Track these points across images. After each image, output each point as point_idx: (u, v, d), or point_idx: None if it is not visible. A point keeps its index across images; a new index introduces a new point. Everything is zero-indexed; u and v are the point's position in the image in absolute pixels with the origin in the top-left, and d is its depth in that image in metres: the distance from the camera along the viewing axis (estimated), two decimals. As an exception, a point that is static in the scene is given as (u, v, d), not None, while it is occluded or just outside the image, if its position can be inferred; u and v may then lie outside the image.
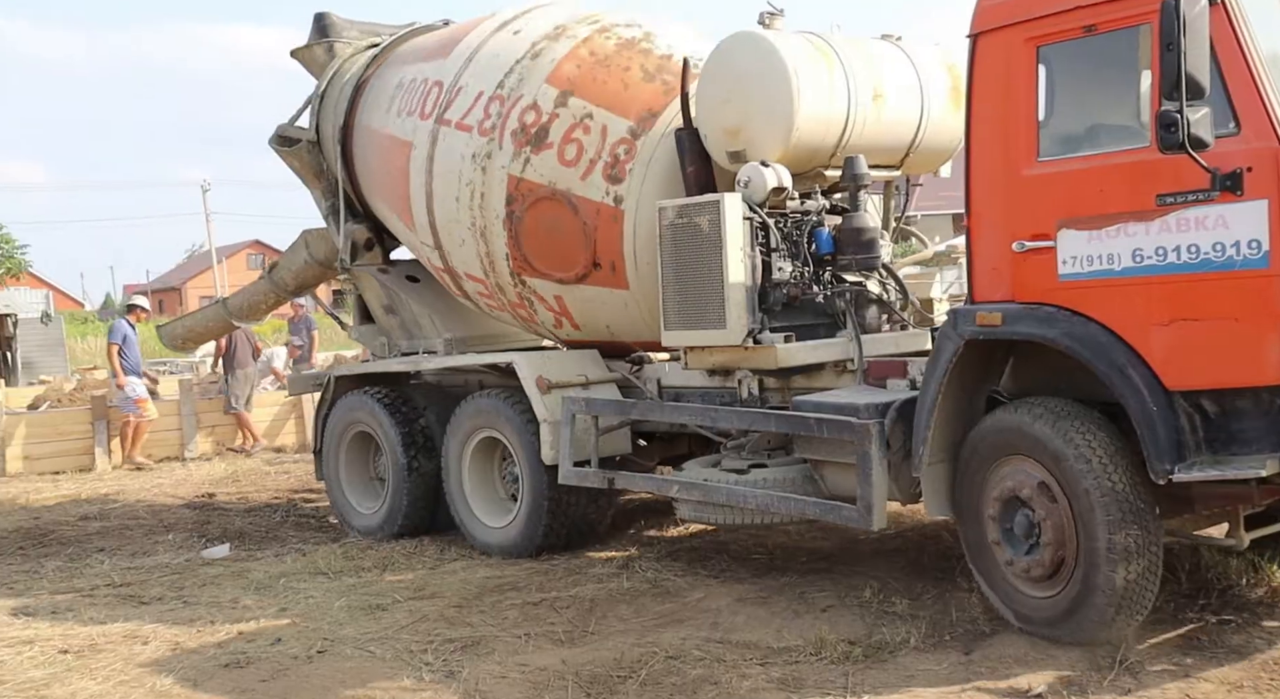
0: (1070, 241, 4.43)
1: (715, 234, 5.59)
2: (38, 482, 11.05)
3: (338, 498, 7.95)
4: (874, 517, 4.97)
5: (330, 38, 8.30)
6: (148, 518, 8.73)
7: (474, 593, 5.90)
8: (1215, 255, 4.07)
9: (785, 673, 4.52)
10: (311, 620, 5.51)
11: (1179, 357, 4.19)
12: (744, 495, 5.59)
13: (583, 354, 6.80)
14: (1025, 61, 4.55)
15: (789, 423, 5.47)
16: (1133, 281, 4.27)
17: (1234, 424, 4.17)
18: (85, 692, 4.67)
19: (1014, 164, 4.59)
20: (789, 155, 5.79)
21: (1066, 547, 4.47)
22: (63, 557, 7.45)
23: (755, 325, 5.67)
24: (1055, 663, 4.41)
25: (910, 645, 4.71)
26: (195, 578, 6.62)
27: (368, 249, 8.05)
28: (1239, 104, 4.06)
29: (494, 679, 4.59)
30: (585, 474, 6.29)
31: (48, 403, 13.76)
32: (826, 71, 5.78)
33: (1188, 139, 3.90)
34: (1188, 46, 3.87)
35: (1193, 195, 4.09)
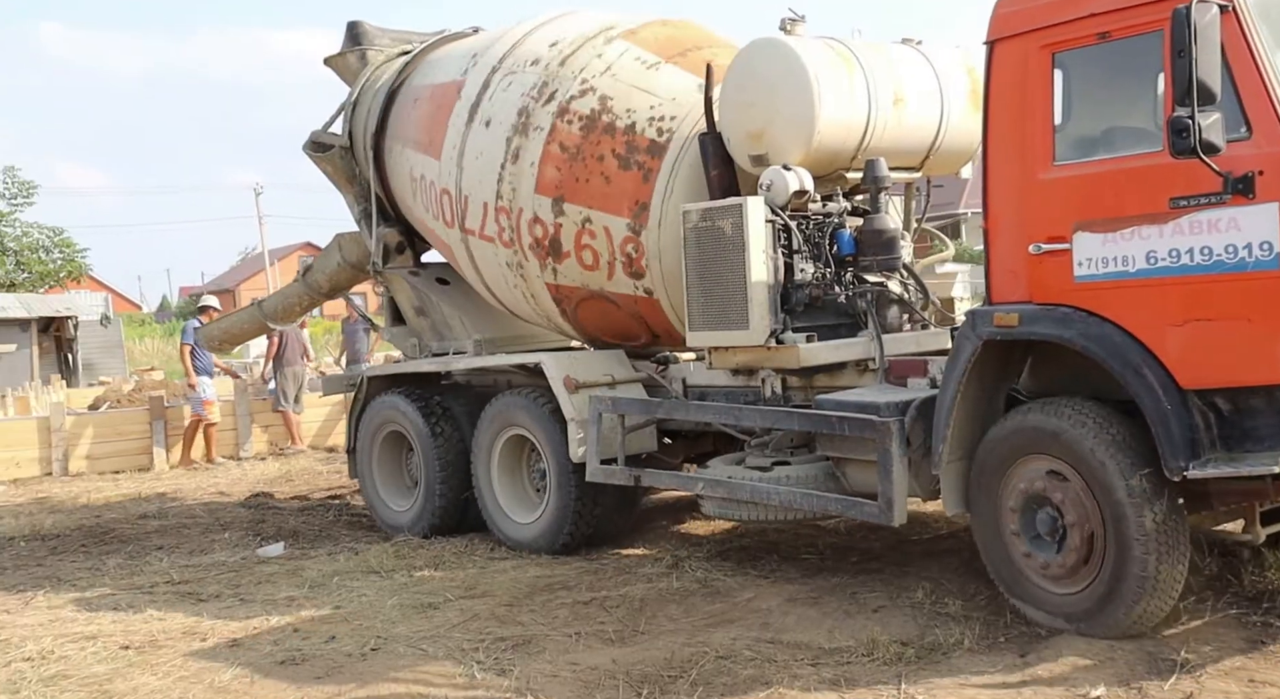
0: (1086, 244, 4.52)
1: (738, 237, 5.71)
2: (98, 480, 11.30)
3: (371, 496, 8.10)
4: (894, 513, 5.08)
5: (363, 46, 8.47)
6: (204, 516, 8.88)
7: (524, 592, 5.93)
8: (1228, 257, 4.17)
9: (837, 673, 4.49)
10: (365, 618, 5.57)
11: (1193, 356, 4.28)
12: (767, 492, 5.67)
13: (609, 354, 6.93)
14: (1041, 68, 4.64)
15: (811, 421, 5.57)
16: (1147, 283, 4.36)
17: (1247, 422, 4.25)
18: (146, 687, 4.75)
19: (1030, 168, 4.68)
20: (810, 158, 5.88)
21: (1094, 544, 4.55)
22: (123, 554, 7.60)
23: (778, 326, 5.78)
24: (1114, 666, 4.33)
25: (964, 647, 4.66)
26: (251, 576, 6.72)
27: (399, 252, 8.22)
28: (1250, 109, 4.14)
29: (545, 678, 4.61)
30: (612, 471, 6.39)
31: (107, 403, 14.09)
32: (847, 76, 5.89)
33: (1199, 144, 3.98)
34: (1199, 53, 3.96)
35: (1205, 198, 4.19)
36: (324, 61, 8.74)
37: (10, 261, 32.30)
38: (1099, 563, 4.55)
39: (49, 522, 8.88)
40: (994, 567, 4.97)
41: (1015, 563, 4.85)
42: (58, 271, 33.00)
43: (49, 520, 8.94)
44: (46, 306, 23.83)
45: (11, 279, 31.89)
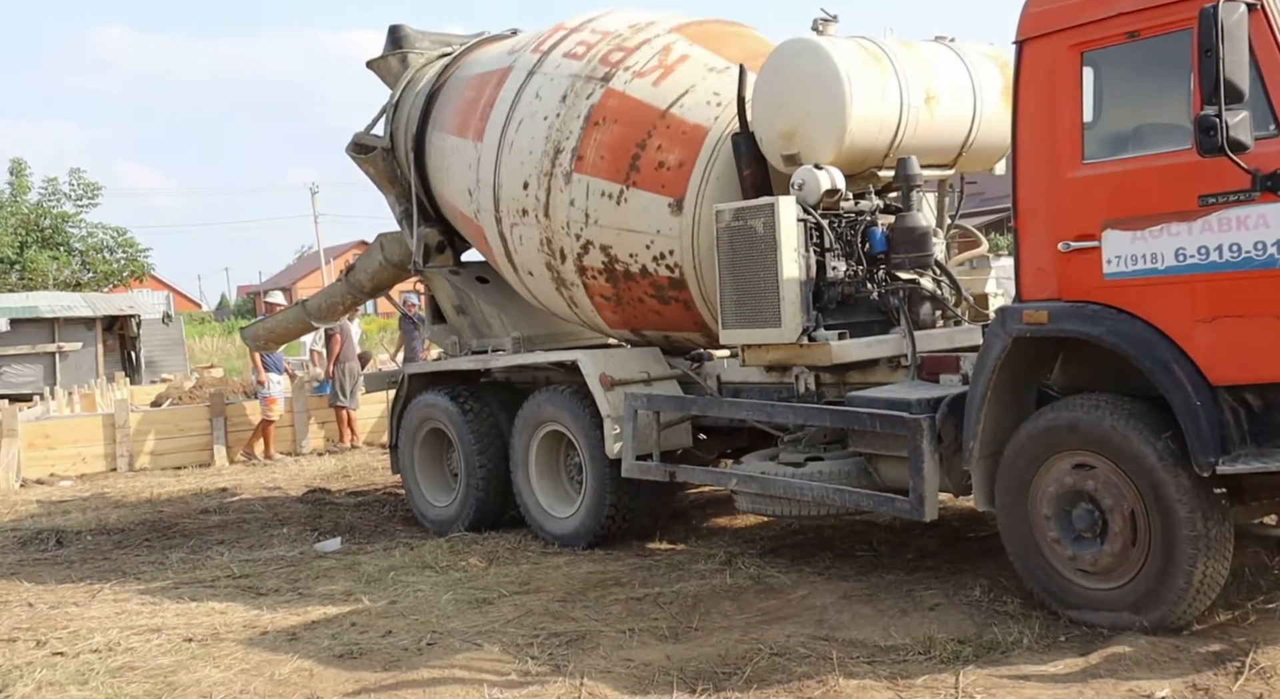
0: (1115, 241, 4.56)
1: (770, 236, 5.75)
2: (160, 476, 11.54)
3: (413, 491, 8.21)
4: (926, 508, 5.13)
5: (404, 49, 8.56)
6: (263, 512, 9.03)
7: (578, 588, 5.95)
8: (1256, 254, 4.20)
9: (893, 671, 4.45)
10: (420, 613, 5.62)
11: (1222, 352, 4.31)
12: (800, 488, 5.71)
13: (644, 351, 7.01)
14: (1070, 67, 4.67)
15: (844, 418, 5.61)
16: (1176, 280, 4.40)
17: (1277, 418, 4.29)
18: (209, 679, 4.84)
19: (1059, 166, 4.71)
20: (842, 157, 5.90)
21: (1137, 539, 4.57)
22: (185, 548, 7.74)
23: (810, 323, 5.81)
24: (1178, 665, 4.24)
25: (1023, 646, 4.59)
26: (309, 570, 6.82)
27: (439, 252, 8.31)
28: (1279, 107, 4.16)
29: (599, 673, 4.62)
30: (648, 467, 6.45)
31: (169, 400, 14.38)
32: (878, 75, 5.90)
33: (1226, 142, 4.02)
34: (1226, 52, 3.99)
35: (1234, 196, 4.21)
36: (366, 64, 8.87)
37: (76, 261, 33.08)
38: (1143, 555, 4.56)
39: (114, 516, 9.09)
40: (1024, 561, 4.97)
41: (1050, 560, 4.85)
42: (121, 271, 33.74)
43: (114, 515, 9.14)
44: (111, 305, 24.38)
45: (77, 279, 32.68)
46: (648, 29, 7.06)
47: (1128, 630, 4.58)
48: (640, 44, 6.89)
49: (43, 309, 22.92)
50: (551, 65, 7.12)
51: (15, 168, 32.64)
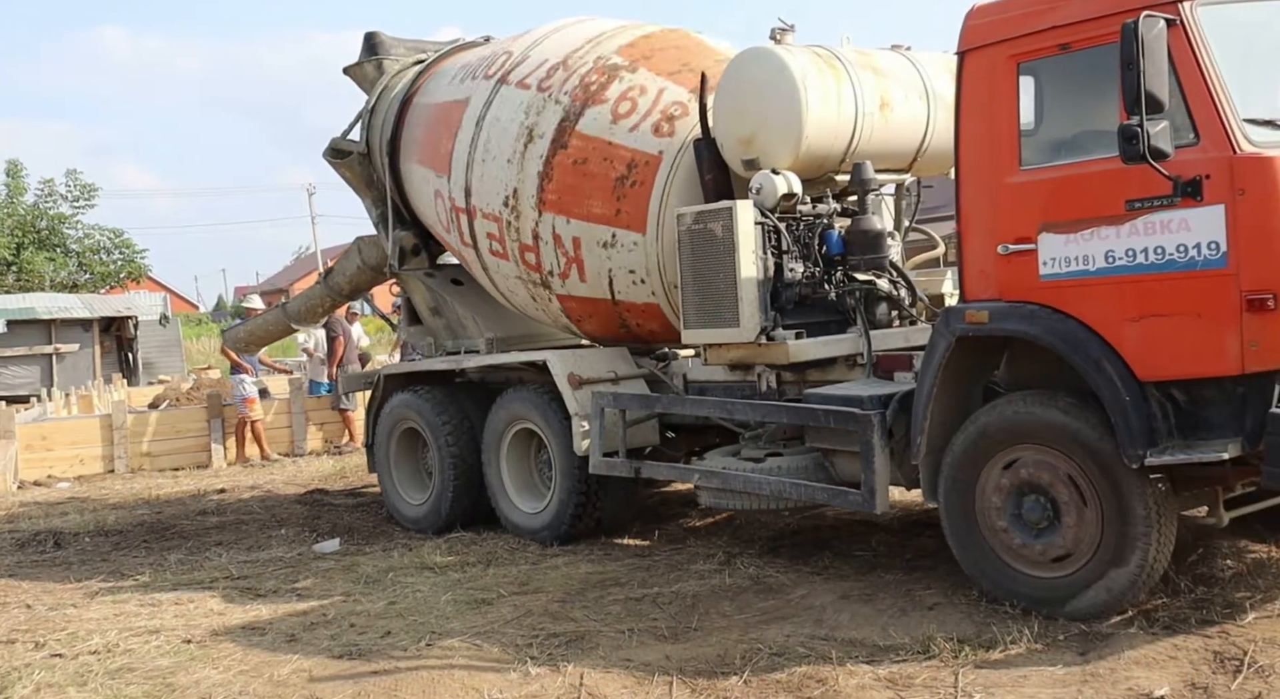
0: (1050, 244, 4.77)
1: (729, 239, 5.94)
2: (158, 477, 11.53)
3: (388, 490, 8.36)
4: (876, 501, 5.32)
5: (379, 55, 8.76)
6: (262, 513, 9.02)
7: (577, 588, 5.95)
8: (1179, 256, 4.43)
9: (893, 671, 4.45)
10: (419, 614, 5.62)
11: (1149, 350, 4.53)
12: (758, 483, 5.89)
13: (613, 351, 7.18)
14: (1007, 76, 4.90)
15: (799, 414, 5.82)
16: (1106, 281, 4.62)
17: (1202, 412, 4.50)
18: (208, 680, 4.84)
19: (999, 172, 4.93)
20: (800, 162, 6.11)
21: (1088, 529, 4.75)
22: (183, 550, 7.74)
23: (767, 323, 6.01)
24: (1177, 665, 4.25)
25: (1022, 645, 4.59)
26: (308, 571, 6.82)
27: (414, 254, 8.50)
28: (1198, 117, 4.38)
29: (598, 674, 4.62)
30: (614, 464, 6.61)
31: (166, 402, 14.36)
32: (834, 82, 6.12)
33: (1148, 150, 4.23)
34: (1146, 65, 4.20)
35: (1158, 201, 4.44)
36: (344, 71, 9.04)
37: (73, 263, 33.04)
38: (1094, 544, 4.74)
39: (112, 518, 9.08)
40: (970, 553, 5.15)
41: (997, 552, 5.03)
42: (118, 272, 33.69)
43: (112, 516, 9.14)
44: (108, 307, 24.35)
45: (74, 280, 32.63)
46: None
47: (1073, 619, 4.75)
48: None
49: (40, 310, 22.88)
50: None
51: (11, 169, 32.60)
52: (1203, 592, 5.07)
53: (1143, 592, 4.77)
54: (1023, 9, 4.87)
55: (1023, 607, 4.92)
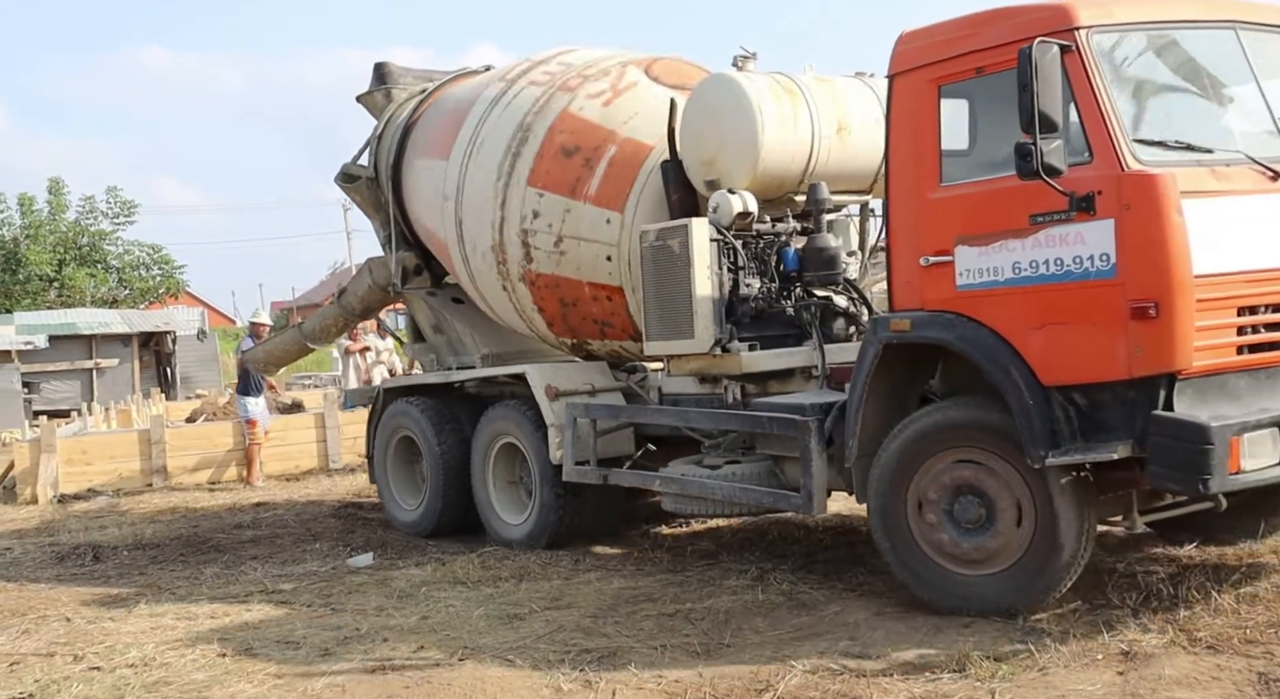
0: (965, 256, 5.07)
1: (685, 255, 6.30)
2: (195, 491, 11.64)
3: (386, 496, 8.84)
4: (815, 503, 5.65)
5: (388, 84, 9.16)
6: (296, 527, 9.09)
7: (609, 603, 5.94)
8: (1075, 267, 4.71)
9: (928, 689, 4.40)
10: (452, 629, 5.63)
11: (1051, 356, 4.81)
12: (712, 488, 6.22)
13: (591, 365, 7.56)
14: (929, 98, 5.22)
15: (748, 422, 6.18)
16: (1013, 291, 4.91)
17: (1100, 415, 4.75)
18: (243, 694, 4.86)
19: (922, 188, 5.24)
20: (758, 182, 6.44)
21: (1020, 529, 4.99)
22: (219, 563, 7.80)
23: (723, 336, 6.34)
24: (1220, 685, 4.17)
25: (1060, 664, 4.53)
26: (342, 586, 6.85)
27: (417, 274, 8.85)
28: (1091, 136, 4.68)
29: (630, 690, 4.61)
30: (585, 471, 6.97)
31: (204, 416, 14.52)
32: (791, 107, 6.45)
33: (1041, 167, 4.52)
34: (1040, 87, 4.49)
35: (1057, 215, 4.73)
36: (356, 99, 9.43)
37: (113, 279, 33.56)
38: (1026, 543, 4.99)
39: (149, 531, 9.18)
40: (900, 554, 5.34)
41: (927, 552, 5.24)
42: (157, 288, 34.18)
43: (149, 530, 9.24)
44: (147, 322, 24.72)
45: (114, 296, 33.14)
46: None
47: (998, 615, 5.03)
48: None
49: (80, 326, 23.26)
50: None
51: (53, 187, 33.22)
52: (1246, 611, 4.98)
53: (1066, 588, 5.03)
54: (944, 35, 5.20)
55: (950, 605, 5.15)
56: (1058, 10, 4.81)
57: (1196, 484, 4.50)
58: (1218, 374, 4.70)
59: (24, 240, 31.99)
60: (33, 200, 32.88)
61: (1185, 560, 5.77)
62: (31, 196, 32.92)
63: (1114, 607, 5.16)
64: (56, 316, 24.77)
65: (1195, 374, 4.63)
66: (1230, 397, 4.72)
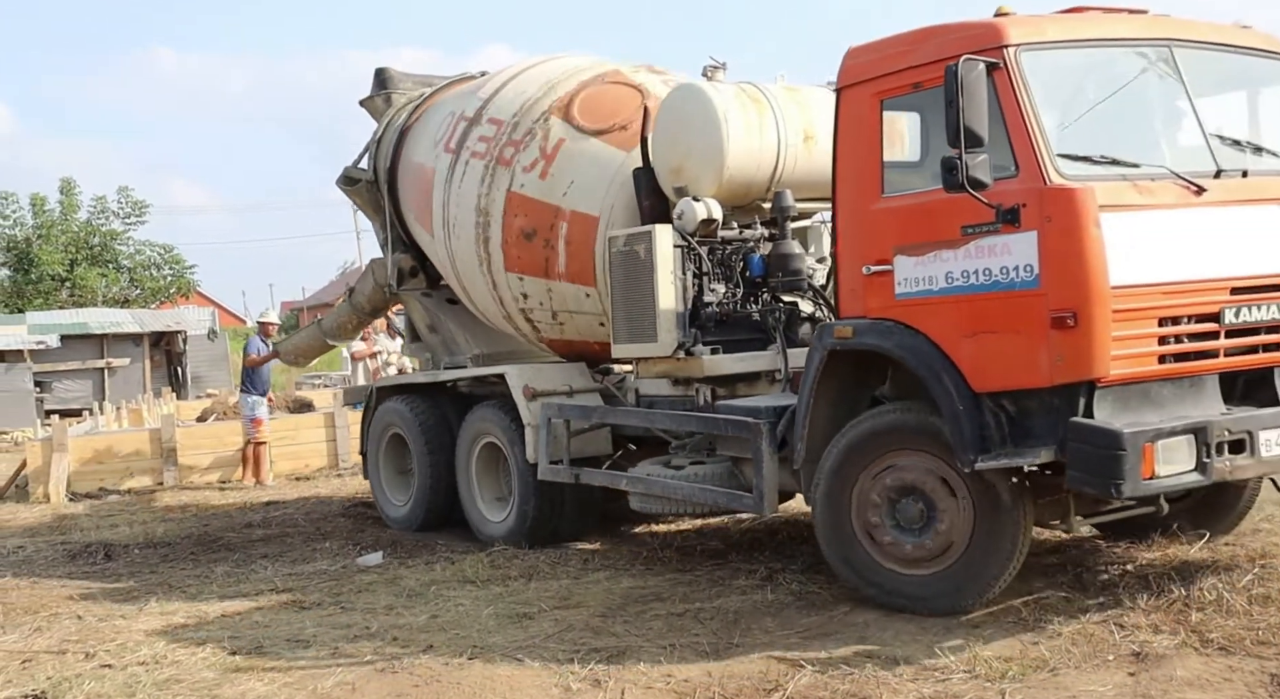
0: (903, 266, 5.23)
1: (649, 260, 6.45)
2: (206, 490, 11.68)
3: (377, 491, 9.07)
4: (765, 503, 5.79)
5: (388, 89, 9.36)
6: (306, 526, 9.11)
7: (618, 603, 5.94)
8: (1002, 277, 4.86)
9: (938, 690, 4.39)
10: (461, 628, 5.64)
11: (981, 364, 4.96)
12: (673, 488, 6.37)
13: (571, 367, 7.67)
14: (872, 112, 5.37)
15: (706, 423, 6.35)
16: (947, 300, 5.06)
17: (1028, 421, 4.89)
18: (253, 692, 4.88)
19: (865, 199, 5.42)
20: (724, 189, 6.58)
21: (959, 530, 5.15)
22: (230, 562, 7.83)
23: (686, 339, 6.48)
24: (1232, 687, 4.16)
25: (1070, 664, 4.52)
26: (351, 584, 6.86)
27: (413, 276, 9.02)
28: (1017, 151, 4.83)
29: (639, 689, 4.61)
30: (558, 470, 7.08)
31: (214, 415, 14.56)
32: (757, 115, 6.58)
33: (966, 180, 4.68)
34: (965, 103, 4.65)
35: (985, 227, 4.88)
36: (359, 103, 9.59)
37: (124, 279, 33.69)
38: (965, 543, 5.14)
39: (160, 530, 9.22)
40: (841, 553, 5.50)
41: (869, 551, 5.39)
42: (168, 287, 34.30)
43: (160, 528, 9.28)
44: (158, 322, 24.83)
45: (125, 295, 33.27)
46: (530, 111, 7.55)
47: (935, 613, 5.18)
48: (524, 137, 7.49)
49: (92, 326, 23.36)
50: (462, 165, 7.82)
51: (65, 187, 33.36)
52: (1258, 612, 4.96)
53: (1002, 587, 5.18)
54: (886, 51, 5.38)
55: (893, 604, 5.30)
56: (989, 28, 4.97)
57: (1110, 488, 4.63)
58: (1140, 382, 4.82)
59: (36, 240, 32.15)
60: (45, 200, 33.07)
61: (1197, 562, 5.75)
62: (43, 197, 33.13)
63: (1125, 607, 5.15)
64: (68, 316, 24.89)
65: (1116, 382, 4.74)
66: (1153, 404, 4.85)
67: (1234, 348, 4.97)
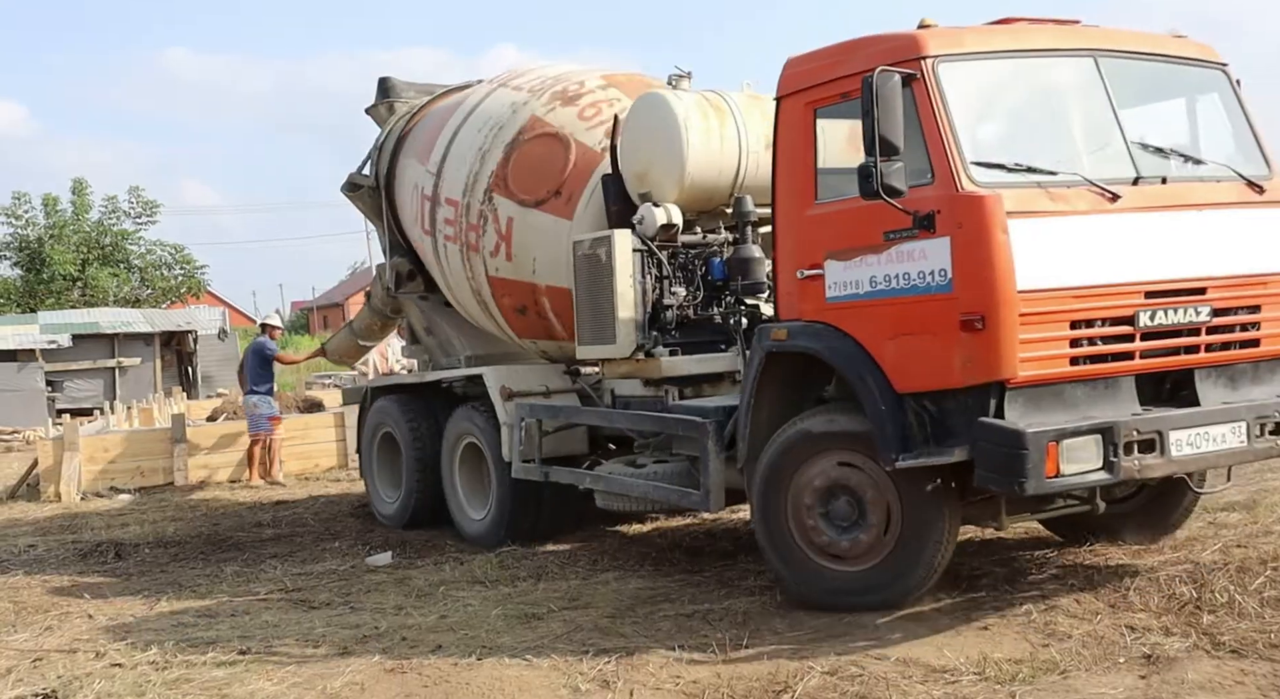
0: (833, 270, 5.37)
1: (609, 264, 6.58)
2: (216, 489, 11.72)
3: (370, 488, 9.31)
4: (711, 501, 5.97)
5: (391, 98, 9.60)
6: (315, 525, 9.14)
7: (627, 604, 5.94)
8: (920, 281, 4.99)
9: (947, 692, 4.38)
10: (470, 628, 5.64)
11: (902, 365, 5.09)
12: (630, 485, 6.53)
13: (549, 368, 7.85)
14: (806, 121, 5.54)
15: (660, 423, 6.52)
16: (871, 303, 5.20)
17: (948, 421, 5.00)
18: (262, 692, 4.89)
19: (800, 205, 5.56)
20: (686, 195, 6.72)
21: (890, 528, 5.27)
22: (239, 562, 7.85)
23: (645, 341, 6.62)
24: (1244, 690, 4.14)
25: (1081, 667, 4.50)
26: (360, 584, 6.88)
27: (410, 279, 9.19)
28: (933, 159, 4.96)
29: (648, 690, 4.60)
30: (529, 469, 7.22)
31: (224, 415, 14.60)
32: (718, 123, 6.73)
33: (881, 187, 4.85)
34: (880, 113, 4.82)
35: (904, 233, 5.01)
36: (365, 111, 9.81)
37: (135, 278, 33.80)
38: (894, 541, 5.26)
39: (171, 529, 9.25)
40: (778, 551, 5.58)
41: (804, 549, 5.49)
42: (179, 287, 34.39)
43: (171, 528, 9.31)
44: (169, 321, 24.89)
45: (136, 295, 33.38)
46: (474, 188, 7.76)
47: (871, 608, 5.30)
48: (478, 219, 7.68)
49: (103, 325, 23.44)
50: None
51: (77, 187, 33.47)
52: (1270, 615, 4.93)
53: (930, 583, 5.33)
54: (819, 62, 5.53)
55: (827, 600, 5.44)
56: (907, 41, 5.13)
57: (1013, 485, 4.74)
58: (1054, 383, 4.91)
59: (48, 240, 32.27)
60: (57, 200, 33.18)
61: (1209, 564, 5.72)
62: (55, 197, 33.23)
63: (1136, 610, 5.13)
64: (80, 316, 24.98)
65: (1026, 383, 4.84)
66: (1066, 405, 4.92)
67: (1150, 350, 5.07)
